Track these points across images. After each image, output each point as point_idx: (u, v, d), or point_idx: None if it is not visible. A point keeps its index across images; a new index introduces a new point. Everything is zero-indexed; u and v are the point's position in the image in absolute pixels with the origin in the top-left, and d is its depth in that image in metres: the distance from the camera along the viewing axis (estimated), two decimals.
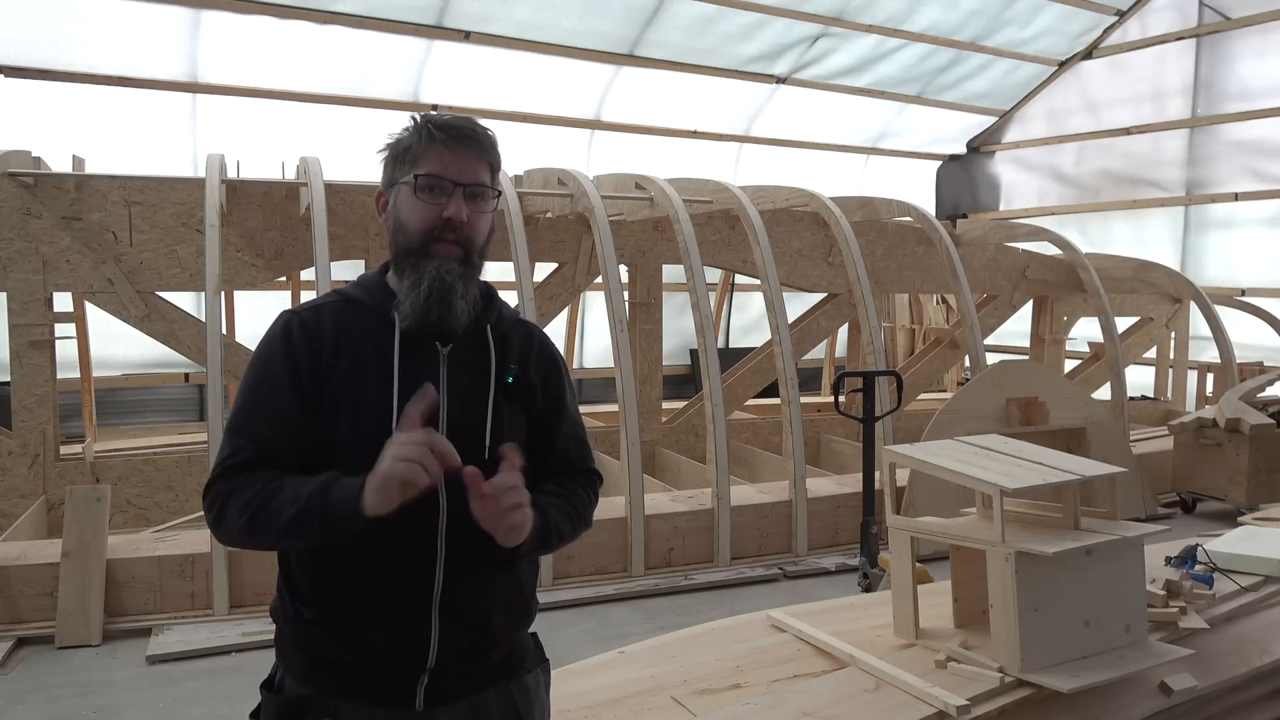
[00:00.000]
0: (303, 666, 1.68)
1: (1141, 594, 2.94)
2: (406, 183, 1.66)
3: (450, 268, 1.64)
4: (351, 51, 8.92)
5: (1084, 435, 6.61)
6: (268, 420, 1.63)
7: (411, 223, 1.66)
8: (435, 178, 1.64)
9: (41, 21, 7.75)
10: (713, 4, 9.58)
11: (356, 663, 1.64)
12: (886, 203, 8.09)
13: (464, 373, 1.69)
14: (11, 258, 5.87)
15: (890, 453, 3.21)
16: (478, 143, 1.68)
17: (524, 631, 1.80)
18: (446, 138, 1.65)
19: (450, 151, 1.65)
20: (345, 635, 1.64)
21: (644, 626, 4.91)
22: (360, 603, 1.63)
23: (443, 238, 1.65)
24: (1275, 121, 10.04)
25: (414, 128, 1.68)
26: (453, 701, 1.67)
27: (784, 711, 2.59)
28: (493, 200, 1.71)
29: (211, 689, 4.20)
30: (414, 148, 1.67)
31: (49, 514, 5.95)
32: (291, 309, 1.73)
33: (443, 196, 1.65)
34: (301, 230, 6.45)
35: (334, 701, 1.65)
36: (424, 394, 1.50)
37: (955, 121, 12.75)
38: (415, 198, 1.65)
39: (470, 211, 1.66)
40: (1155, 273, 9.31)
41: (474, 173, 1.67)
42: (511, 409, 1.73)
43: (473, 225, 1.67)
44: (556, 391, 1.82)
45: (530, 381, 1.77)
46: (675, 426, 8.16)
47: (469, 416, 1.67)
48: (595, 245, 6.17)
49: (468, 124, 1.69)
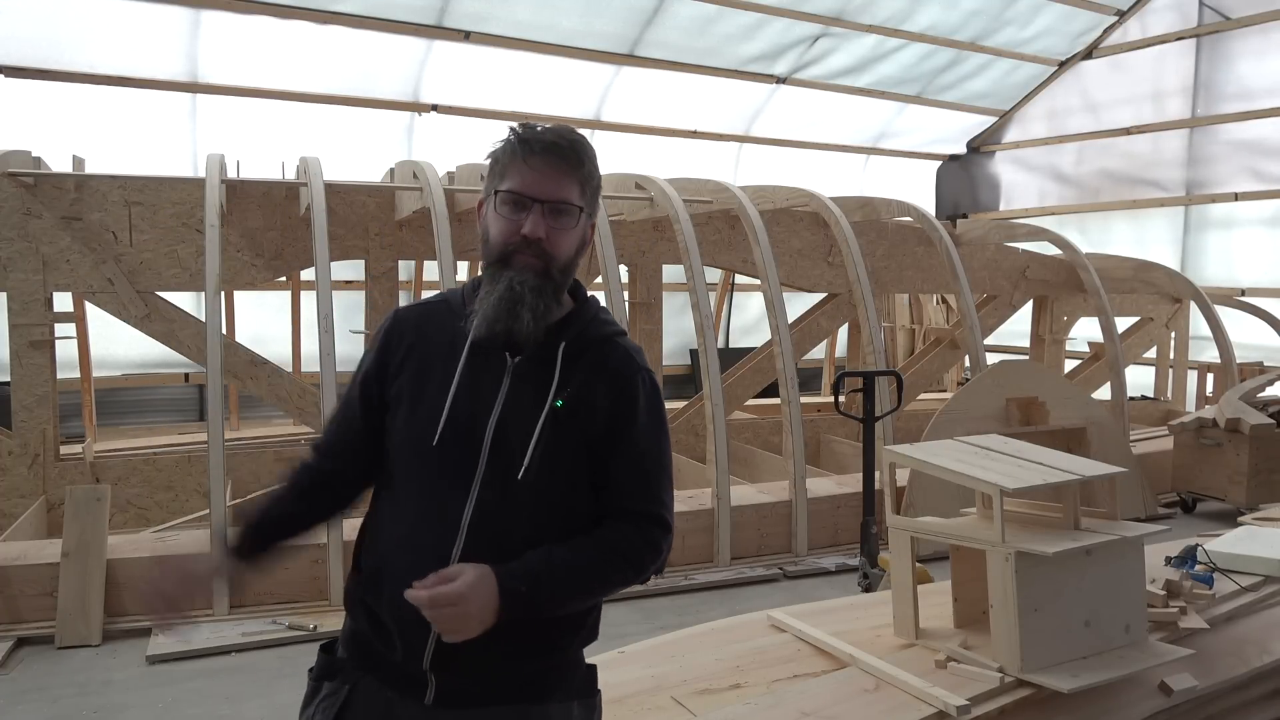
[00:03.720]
0: (347, 634, 1.79)
1: (1141, 594, 2.94)
2: (493, 195, 1.67)
3: (525, 279, 1.63)
4: (351, 51, 8.92)
5: (1084, 435, 6.61)
6: (335, 414, 1.85)
7: (494, 235, 1.67)
8: (514, 194, 1.64)
9: (41, 21, 7.75)
10: (713, 4, 9.57)
11: (378, 644, 1.70)
12: (886, 203, 8.09)
13: (525, 387, 1.66)
14: (11, 258, 5.87)
15: (890, 453, 3.21)
16: (564, 158, 1.65)
17: (550, 661, 1.71)
18: (530, 152, 1.64)
19: (531, 167, 1.63)
20: (373, 615, 1.71)
21: (644, 626, 4.90)
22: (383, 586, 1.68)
23: (521, 251, 1.64)
24: (1275, 121, 10.04)
25: (508, 139, 1.67)
26: (463, 707, 1.66)
27: (784, 711, 2.59)
28: (579, 215, 1.68)
29: (211, 689, 4.20)
30: (503, 160, 1.67)
31: (49, 514, 5.95)
32: (399, 307, 1.87)
33: (522, 212, 1.64)
34: (301, 230, 6.44)
35: (358, 672, 1.72)
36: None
37: (955, 121, 12.75)
38: (497, 212, 1.66)
39: (550, 228, 1.64)
40: (1155, 273, 9.31)
41: (556, 190, 1.64)
42: (564, 433, 1.65)
43: (552, 242, 1.64)
44: (624, 419, 1.69)
45: (592, 404, 1.66)
46: (675, 426, 8.14)
47: (517, 434, 1.64)
48: (595, 245, 6.17)
49: (556, 138, 1.66)
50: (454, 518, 1.63)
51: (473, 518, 1.62)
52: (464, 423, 1.64)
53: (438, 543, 1.63)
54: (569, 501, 1.68)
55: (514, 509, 1.63)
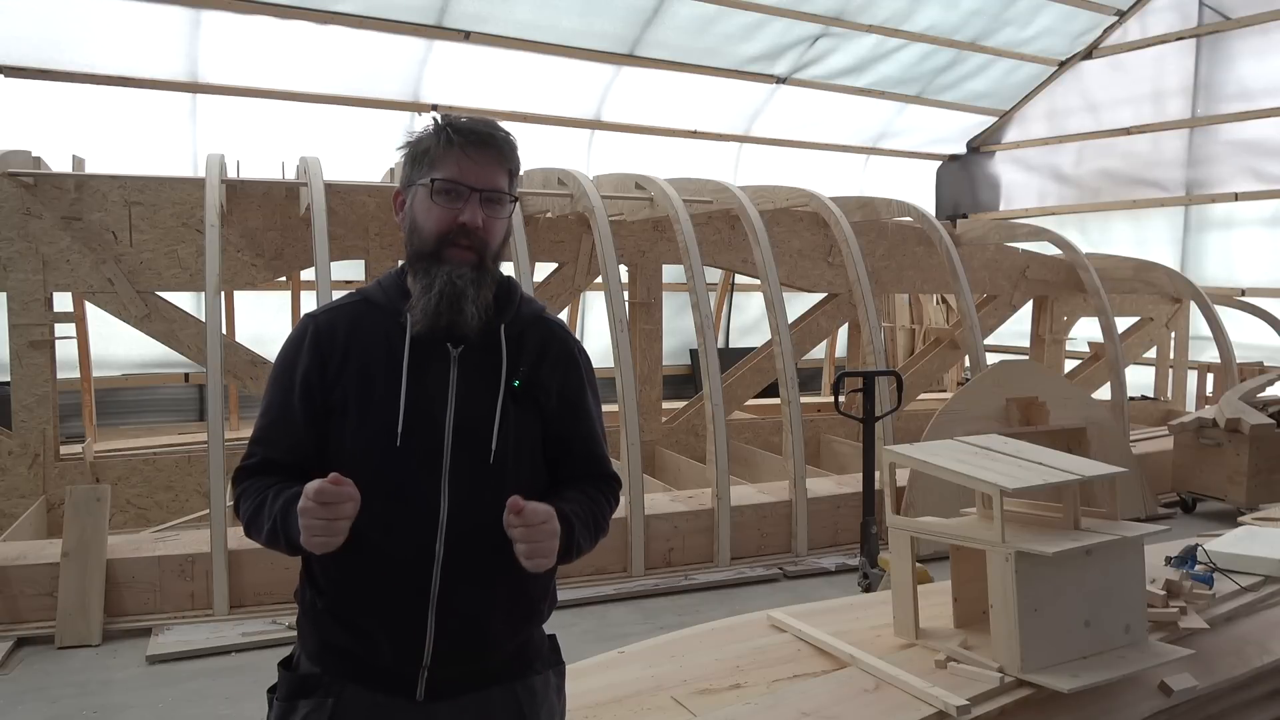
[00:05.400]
0: (315, 648, 1.73)
1: (1141, 594, 2.94)
2: (424, 185, 1.66)
3: (462, 272, 1.64)
4: (351, 51, 8.92)
5: (1084, 435, 6.61)
6: (276, 425, 1.70)
7: (427, 226, 1.67)
8: (452, 183, 1.65)
9: (41, 21, 7.75)
10: (713, 4, 9.58)
11: (359, 652, 1.68)
12: (886, 203, 8.08)
13: (475, 375, 1.69)
14: (11, 258, 5.87)
15: (890, 453, 3.21)
16: (497, 148, 1.68)
17: (530, 633, 1.80)
18: (465, 142, 1.65)
19: (468, 156, 1.65)
20: (350, 625, 1.68)
21: (644, 626, 4.91)
22: (362, 598, 1.67)
23: (457, 243, 1.65)
24: (1275, 121, 10.04)
25: (433, 129, 1.68)
26: (454, 696, 1.69)
27: (784, 711, 2.59)
28: (509, 205, 1.71)
29: (211, 689, 4.20)
30: (432, 150, 1.67)
31: (49, 514, 5.95)
32: (312, 312, 1.77)
33: (458, 201, 1.65)
34: (301, 230, 6.44)
35: (340, 683, 1.69)
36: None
37: (955, 121, 12.75)
38: (431, 201, 1.66)
39: (486, 217, 1.66)
40: (1155, 273, 9.31)
41: (491, 178, 1.67)
42: (522, 412, 1.71)
43: (488, 230, 1.67)
44: (575, 392, 1.79)
45: (543, 382, 1.74)
46: (675, 426, 8.16)
47: (477, 420, 1.67)
48: (595, 245, 6.17)
49: (487, 128, 1.68)
50: (430, 513, 1.63)
51: (450, 510, 1.64)
52: (422, 418, 1.65)
53: (418, 541, 1.64)
54: (532, 477, 1.73)
55: (487, 493, 1.64)
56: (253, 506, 1.66)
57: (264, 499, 1.64)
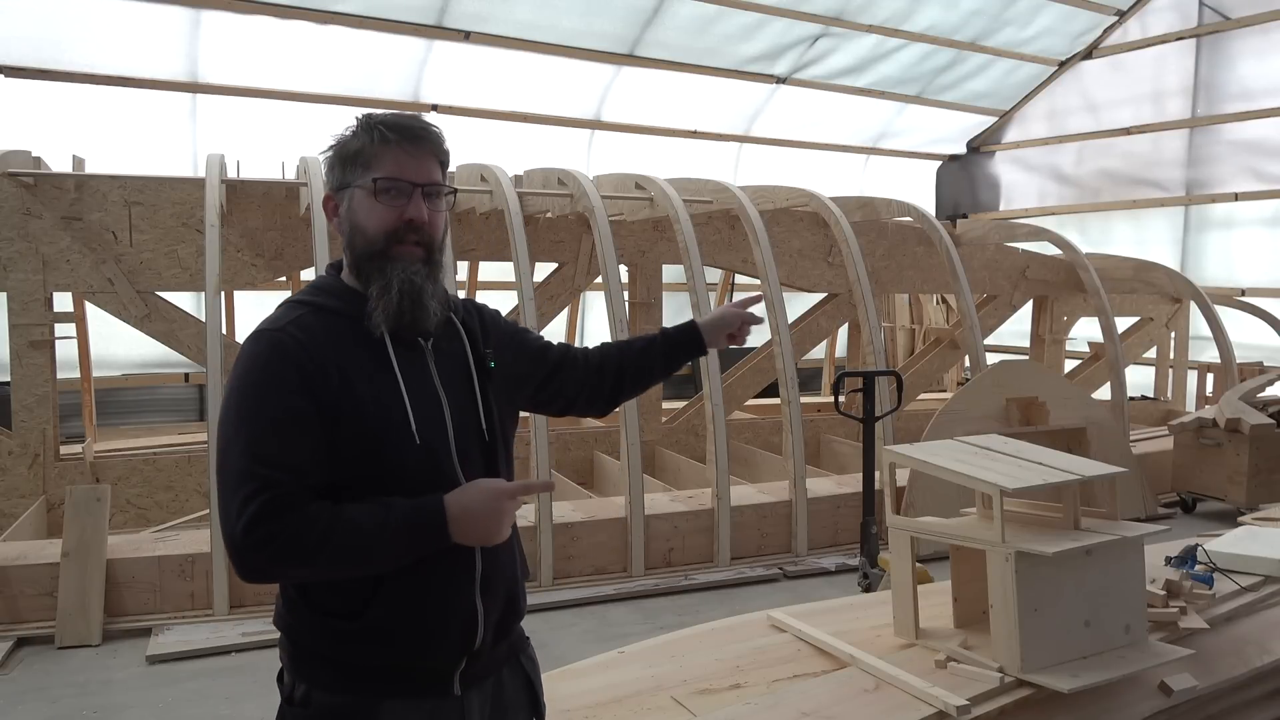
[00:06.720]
0: (333, 676, 1.67)
1: (1141, 594, 2.93)
2: (363, 186, 1.66)
3: (416, 269, 1.66)
4: (352, 51, 8.92)
5: (1084, 435, 6.61)
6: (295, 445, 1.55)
7: (371, 226, 1.66)
8: (393, 180, 1.65)
9: (41, 21, 7.75)
10: (713, 4, 9.58)
11: (406, 661, 1.65)
12: (886, 203, 8.08)
13: (449, 363, 1.76)
14: (11, 258, 5.88)
15: (890, 453, 3.21)
16: (430, 141, 1.70)
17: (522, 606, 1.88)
18: (401, 139, 1.66)
19: (406, 152, 1.66)
20: (391, 637, 1.63)
21: (644, 626, 4.91)
22: (410, 602, 1.63)
23: (404, 240, 1.66)
24: (1275, 121, 10.04)
25: (362, 129, 1.68)
26: (482, 681, 1.74)
27: (784, 711, 2.58)
28: (448, 197, 1.74)
29: (211, 689, 4.20)
30: (366, 150, 1.66)
31: (49, 514, 5.95)
32: (269, 327, 1.65)
33: (401, 198, 1.66)
34: (301, 230, 6.45)
35: (375, 703, 1.64)
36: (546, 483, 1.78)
37: (955, 121, 12.75)
38: (374, 201, 1.65)
39: (429, 210, 1.68)
40: (1155, 273, 9.31)
41: (429, 172, 1.69)
42: (495, 387, 1.81)
43: (433, 224, 1.70)
44: (514, 334, 1.96)
45: (500, 354, 1.84)
46: (675, 426, 8.16)
47: (463, 404, 1.74)
48: (595, 245, 6.17)
49: (418, 123, 1.70)
50: None
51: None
52: (426, 410, 1.68)
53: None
54: (511, 441, 1.86)
55: (490, 468, 1.74)
56: (335, 535, 1.52)
57: (357, 524, 1.53)
